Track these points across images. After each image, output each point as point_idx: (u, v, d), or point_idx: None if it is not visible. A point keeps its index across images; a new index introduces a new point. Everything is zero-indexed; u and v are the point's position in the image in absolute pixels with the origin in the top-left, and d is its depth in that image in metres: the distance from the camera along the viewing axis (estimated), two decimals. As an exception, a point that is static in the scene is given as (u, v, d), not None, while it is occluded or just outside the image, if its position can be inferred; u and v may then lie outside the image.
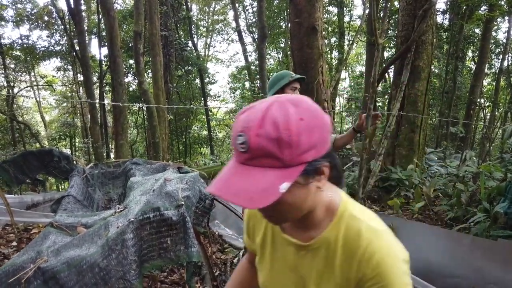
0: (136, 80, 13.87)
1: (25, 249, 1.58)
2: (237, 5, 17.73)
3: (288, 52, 14.68)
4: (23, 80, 18.14)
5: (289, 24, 10.08)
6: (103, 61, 14.94)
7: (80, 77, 15.73)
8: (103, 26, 11.84)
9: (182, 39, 16.11)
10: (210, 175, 2.70)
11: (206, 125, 17.96)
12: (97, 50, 40.92)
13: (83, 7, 15.01)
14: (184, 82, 16.86)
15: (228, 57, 43.93)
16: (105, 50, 13.57)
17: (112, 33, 9.02)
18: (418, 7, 5.48)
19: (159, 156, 9.21)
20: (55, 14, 15.36)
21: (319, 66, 7.07)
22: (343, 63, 14.42)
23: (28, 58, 15.66)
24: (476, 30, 12.92)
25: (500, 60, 13.51)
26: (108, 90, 16.22)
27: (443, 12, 11.43)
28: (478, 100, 11.96)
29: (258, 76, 14.45)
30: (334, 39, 16.79)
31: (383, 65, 9.14)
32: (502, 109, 14.30)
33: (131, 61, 14.34)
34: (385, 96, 12.27)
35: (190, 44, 16.93)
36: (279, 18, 16.17)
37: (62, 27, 14.82)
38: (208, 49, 24.09)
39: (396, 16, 10.26)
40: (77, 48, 13.00)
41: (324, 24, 12.67)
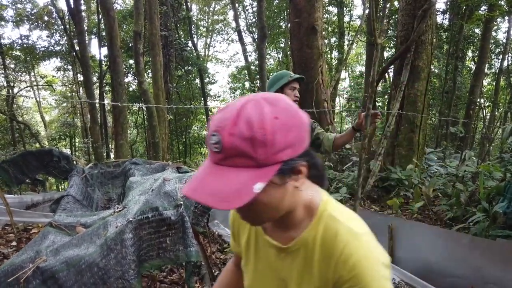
0: (136, 80, 13.86)
1: (24, 248, 1.58)
2: (237, 5, 17.72)
3: (288, 52, 14.70)
4: (23, 80, 18.11)
5: (289, 24, 10.07)
6: (103, 61, 14.93)
7: (80, 77, 15.72)
8: (103, 26, 11.80)
9: (182, 39, 16.08)
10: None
11: (206, 125, 17.96)
12: (97, 50, 41.02)
13: (83, 7, 15.01)
14: (184, 82, 16.84)
15: (228, 57, 44.13)
16: (105, 50, 13.55)
17: (112, 33, 9.01)
18: (418, 7, 5.48)
19: (159, 156, 9.20)
20: (55, 14, 15.34)
21: (318, 66, 7.08)
22: (343, 63, 14.44)
23: (28, 58, 15.63)
24: (476, 30, 12.91)
25: (500, 60, 13.50)
26: (108, 90, 16.20)
27: (443, 12, 11.43)
28: (478, 100, 11.95)
29: (258, 76, 14.42)
30: (334, 39, 16.78)
31: (383, 65, 9.15)
32: (502, 109, 14.30)
33: (131, 61, 14.31)
34: (384, 96, 12.26)
35: (190, 44, 16.90)
36: (279, 18, 16.15)
37: (62, 27, 14.79)
38: (208, 49, 24.12)
39: (395, 16, 10.27)
40: (77, 48, 12.97)
41: (324, 24, 12.68)
